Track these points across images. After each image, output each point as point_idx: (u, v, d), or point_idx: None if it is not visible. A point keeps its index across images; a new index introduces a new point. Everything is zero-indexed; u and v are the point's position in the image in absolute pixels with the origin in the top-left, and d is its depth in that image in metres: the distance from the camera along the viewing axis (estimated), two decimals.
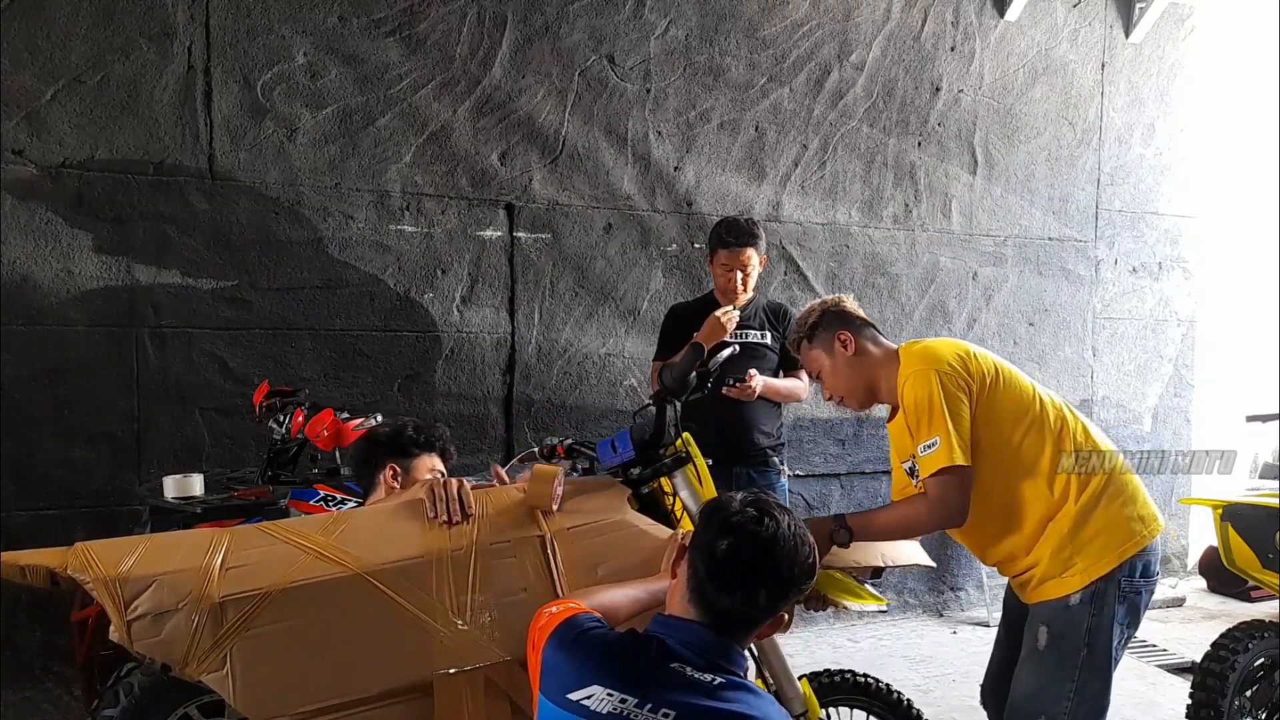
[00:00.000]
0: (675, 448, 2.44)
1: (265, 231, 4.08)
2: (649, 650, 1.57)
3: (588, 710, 1.51)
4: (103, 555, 1.94)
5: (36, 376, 3.79)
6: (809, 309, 2.58)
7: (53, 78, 3.76)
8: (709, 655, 1.57)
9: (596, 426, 4.59)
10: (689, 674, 1.53)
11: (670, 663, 1.55)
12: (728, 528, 1.61)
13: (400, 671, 1.92)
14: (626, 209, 4.65)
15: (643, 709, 1.49)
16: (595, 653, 1.58)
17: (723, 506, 1.67)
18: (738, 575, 1.59)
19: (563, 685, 1.56)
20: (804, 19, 4.91)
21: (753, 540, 1.60)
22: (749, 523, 1.61)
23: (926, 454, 2.28)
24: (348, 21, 4.15)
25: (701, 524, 1.67)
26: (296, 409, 3.37)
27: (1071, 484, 2.38)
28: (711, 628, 1.59)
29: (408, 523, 2.16)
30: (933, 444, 2.27)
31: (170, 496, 3.09)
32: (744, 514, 1.63)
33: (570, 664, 1.58)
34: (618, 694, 1.51)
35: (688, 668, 1.54)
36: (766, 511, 1.63)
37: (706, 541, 1.62)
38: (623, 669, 1.54)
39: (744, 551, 1.59)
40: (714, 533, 1.62)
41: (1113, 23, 5.59)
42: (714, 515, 1.66)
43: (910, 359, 2.44)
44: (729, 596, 1.59)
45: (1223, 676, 3.06)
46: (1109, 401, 5.78)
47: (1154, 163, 5.78)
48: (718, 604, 1.59)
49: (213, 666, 1.84)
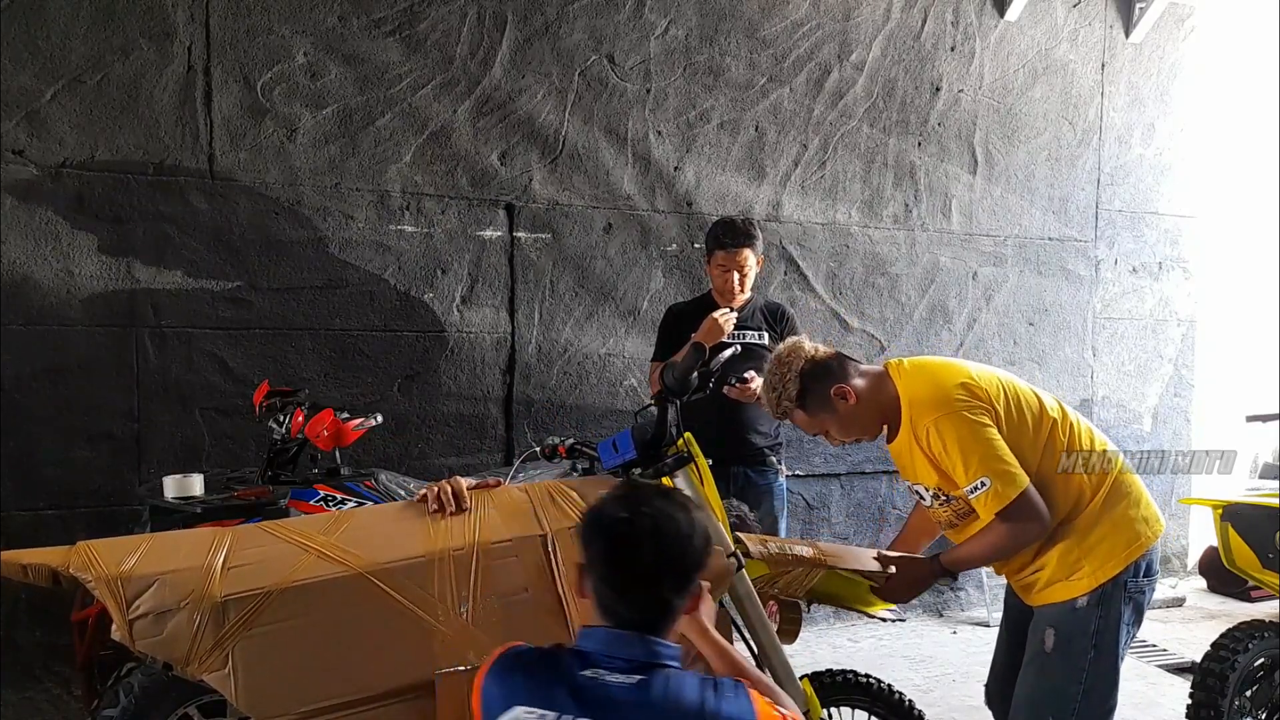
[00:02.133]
0: (677, 448, 2.44)
1: (265, 231, 4.08)
2: (563, 662, 1.55)
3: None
4: (105, 554, 1.94)
5: (36, 376, 3.78)
6: (782, 377, 2.41)
7: (53, 78, 3.76)
8: (628, 656, 1.54)
9: (596, 426, 4.59)
10: (605, 679, 1.51)
11: (584, 670, 1.52)
12: (606, 535, 1.58)
13: (402, 670, 1.92)
14: (626, 209, 4.65)
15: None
16: (516, 673, 1.57)
17: (596, 515, 1.63)
18: (632, 579, 1.57)
19: (490, 713, 1.54)
20: (804, 19, 4.91)
21: (632, 540, 1.56)
22: (621, 524, 1.57)
23: (979, 494, 2.25)
24: (348, 21, 4.15)
25: (584, 539, 1.63)
26: (296, 409, 3.36)
27: (1084, 489, 2.39)
28: (627, 627, 1.57)
29: (409, 522, 2.16)
30: (982, 485, 2.24)
31: (170, 496, 3.08)
32: (615, 516, 1.59)
33: (498, 691, 1.56)
34: (536, 710, 1.49)
35: (604, 673, 1.52)
36: (635, 507, 1.59)
37: (593, 556, 1.59)
38: (539, 685, 1.53)
39: (627, 553, 1.56)
40: (597, 545, 1.59)
41: (1113, 23, 5.60)
42: (590, 527, 1.62)
43: (920, 407, 2.35)
44: (633, 599, 1.57)
45: (1223, 676, 3.06)
46: (1109, 401, 5.78)
47: (1154, 163, 5.78)
48: (625, 610, 1.57)
49: (214, 666, 1.84)
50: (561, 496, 2.26)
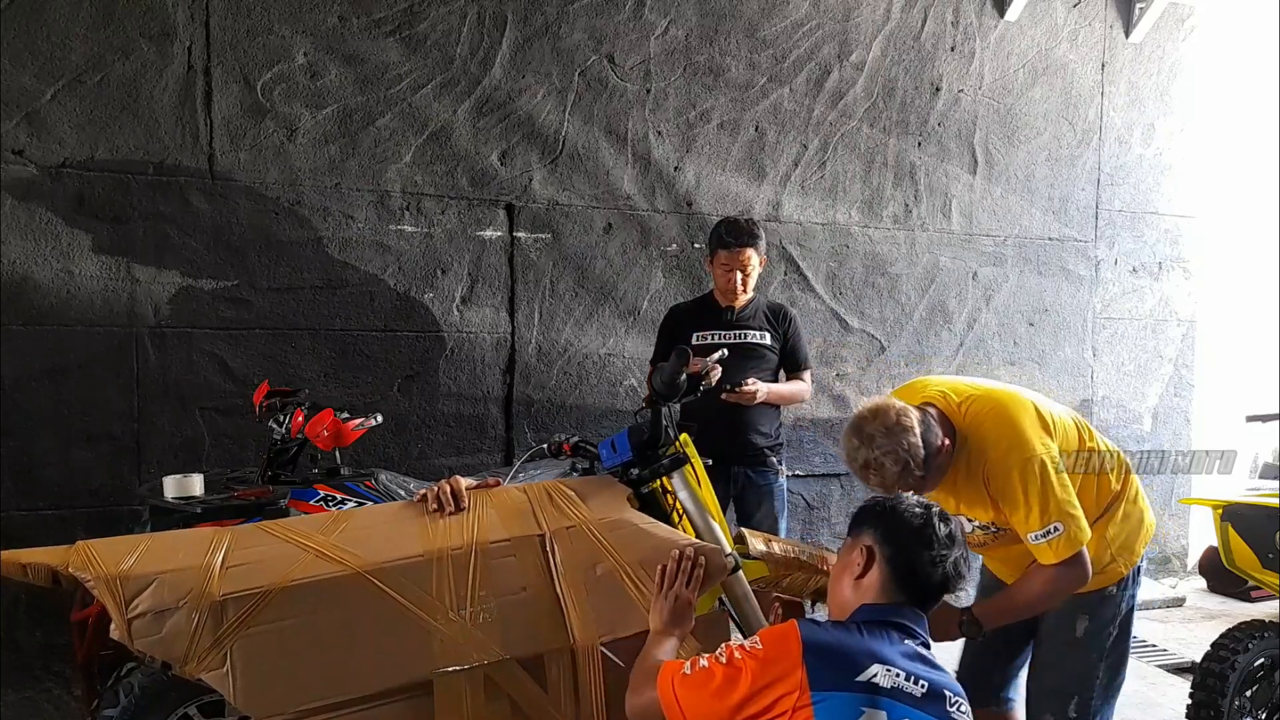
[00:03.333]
0: (676, 448, 2.45)
1: (265, 231, 4.08)
2: (887, 634, 1.76)
3: (876, 687, 1.65)
4: (104, 553, 1.94)
5: (36, 376, 3.79)
6: (908, 449, 2.21)
7: (53, 78, 3.76)
8: (920, 629, 1.80)
9: (596, 426, 4.59)
10: (918, 649, 1.76)
11: (904, 640, 1.76)
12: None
13: (400, 670, 1.93)
14: (626, 209, 4.65)
15: (909, 680, 1.68)
16: (858, 640, 1.74)
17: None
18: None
19: (843, 675, 1.67)
20: (804, 19, 4.91)
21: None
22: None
23: (1049, 540, 2.26)
24: (348, 21, 4.15)
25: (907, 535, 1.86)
26: (296, 409, 3.36)
27: (1108, 492, 2.46)
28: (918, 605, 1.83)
29: (408, 522, 2.16)
30: (1053, 531, 2.25)
31: (170, 496, 3.08)
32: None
33: (843, 655, 1.70)
34: (893, 669, 1.68)
35: (916, 643, 1.77)
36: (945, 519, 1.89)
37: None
38: (885, 650, 1.72)
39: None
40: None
41: (1113, 23, 5.60)
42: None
43: (997, 449, 2.30)
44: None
45: (1223, 676, 3.06)
46: (1109, 401, 5.78)
47: (1154, 163, 5.78)
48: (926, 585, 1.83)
49: (213, 665, 1.85)
50: (560, 496, 2.26)
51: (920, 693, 1.67)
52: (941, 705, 1.69)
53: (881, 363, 5.20)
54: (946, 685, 1.72)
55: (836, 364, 5.10)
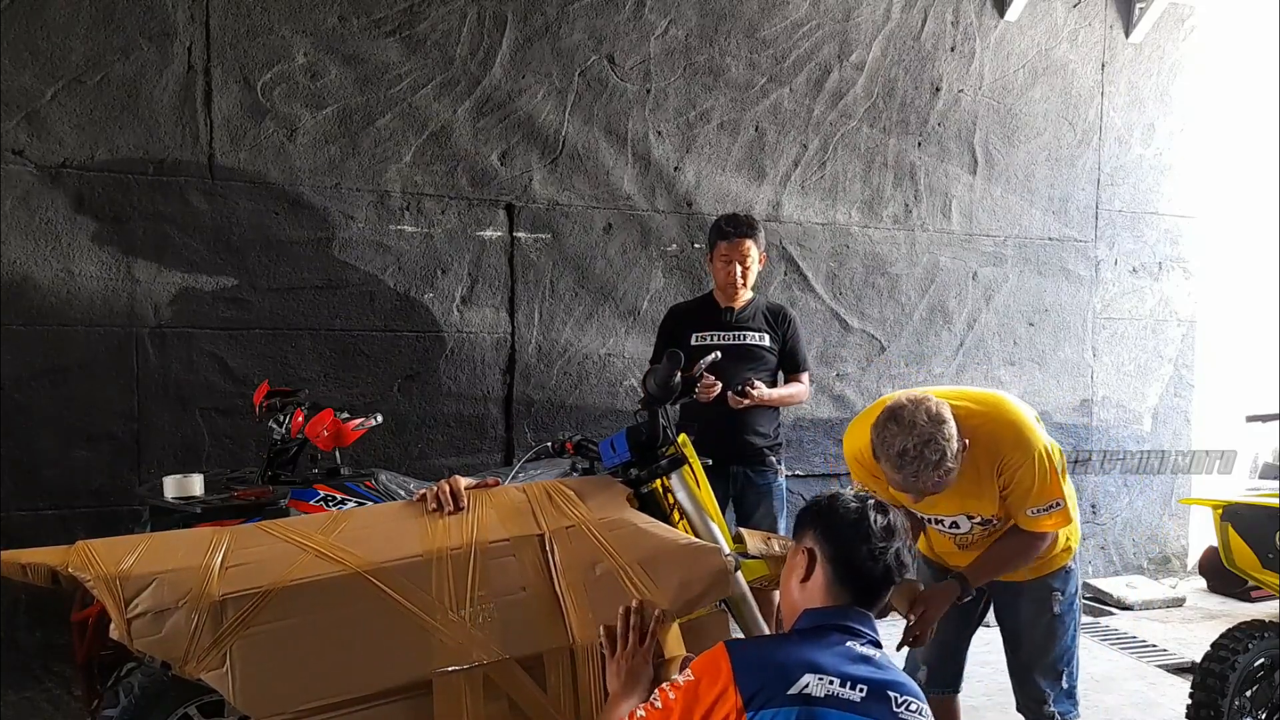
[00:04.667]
0: (675, 448, 2.45)
1: (265, 231, 4.08)
2: (827, 638, 1.75)
3: (809, 698, 1.63)
4: (104, 553, 1.94)
5: (36, 376, 3.79)
6: (950, 440, 2.25)
7: (53, 78, 3.76)
8: (865, 628, 1.80)
9: (596, 426, 4.59)
10: (859, 649, 1.74)
11: (846, 642, 1.74)
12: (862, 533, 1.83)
13: (400, 670, 1.93)
14: (626, 209, 4.65)
15: (845, 685, 1.65)
16: (787, 651, 1.72)
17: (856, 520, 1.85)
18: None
19: (775, 690, 1.64)
20: (804, 19, 4.91)
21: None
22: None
23: (1045, 514, 2.49)
24: (348, 21, 4.15)
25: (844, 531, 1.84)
26: (296, 409, 3.36)
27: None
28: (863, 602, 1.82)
29: (408, 522, 2.17)
30: (1054, 506, 2.48)
31: (170, 496, 3.08)
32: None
33: (772, 670, 1.67)
34: (825, 677, 1.66)
35: (858, 643, 1.75)
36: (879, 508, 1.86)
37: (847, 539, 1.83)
38: (818, 658, 1.69)
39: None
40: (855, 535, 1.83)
41: (1113, 23, 5.60)
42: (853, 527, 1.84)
43: (1010, 446, 2.43)
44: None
45: (1223, 676, 3.06)
46: (1109, 401, 5.78)
47: (1154, 163, 5.78)
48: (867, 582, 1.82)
49: (212, 665, 1.85)
50: (559, 496, 2.26)
51: (860, 697, 1.64)
52: (886, 706, 1.66)
53: (881, 363, 5.21)
54: (892, 684, 1.69)
55: (836, 364, 5.10)
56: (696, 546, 2.22)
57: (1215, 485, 5.54)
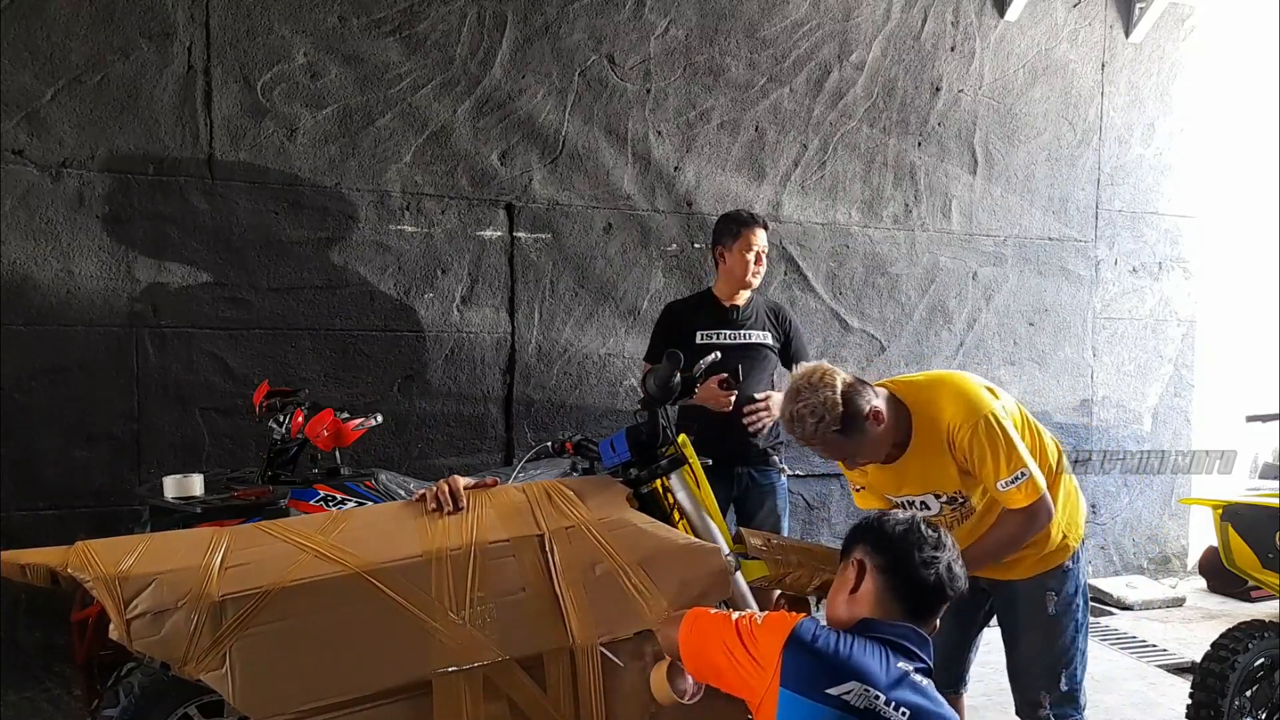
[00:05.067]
0: (675, 448, 2.45)
1: (265, 231, 4.08)
2: (883, 653, 1.73)
3: (847, 705, 1.63)
4: (103, 554, 1.94)
5: (36, 376, 3.79)
6: (823, 402, 2.37)
7: (53, 78, 3.76)
8: (923, 654, 1.77)
9: (596, 426, 4.59)
10: (912, 676, 1.72)
11: (898, 663, 1.72)
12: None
13: (399, 670, 1.93)
14: (626, 209, 4.65)
15: (890, 706, 1.65)
16: (846, 653, 1.71)
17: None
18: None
19: (816, 682, 1.66)
20: (804, 19, 4.91)
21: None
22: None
23: (1014, 486, 2.42)
24: (348, 21, 4.15)
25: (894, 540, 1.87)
26: (296, 409, 3.36)
27: (1051, 473, 2.61)
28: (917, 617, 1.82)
29: (407, 522, 2.17)
30: (1020, 476, 2.42)
31: (170, 496, 3.08)
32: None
33: (823, 663, 1.69)
34: (872, 690, 1.66)
35: (912, 668, 1.73)
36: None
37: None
38: (872, 669, 1.69)
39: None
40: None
41: (1113, 23, 5.60)
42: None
43: (958, 414, 2.45)
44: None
45: (1223, 676, 3.06)
46: (1109, 401, 5.78)
47: (1154, 163, 5.78)
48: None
49: (212, 665, 1.85)
50: (559, 496, 2.26)
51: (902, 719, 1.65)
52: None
53: (881, 363, 5.20)
54: (935, 716, 1.68)
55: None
56: (696, 547, 2.22)
57: (1215, 485, 5.53)
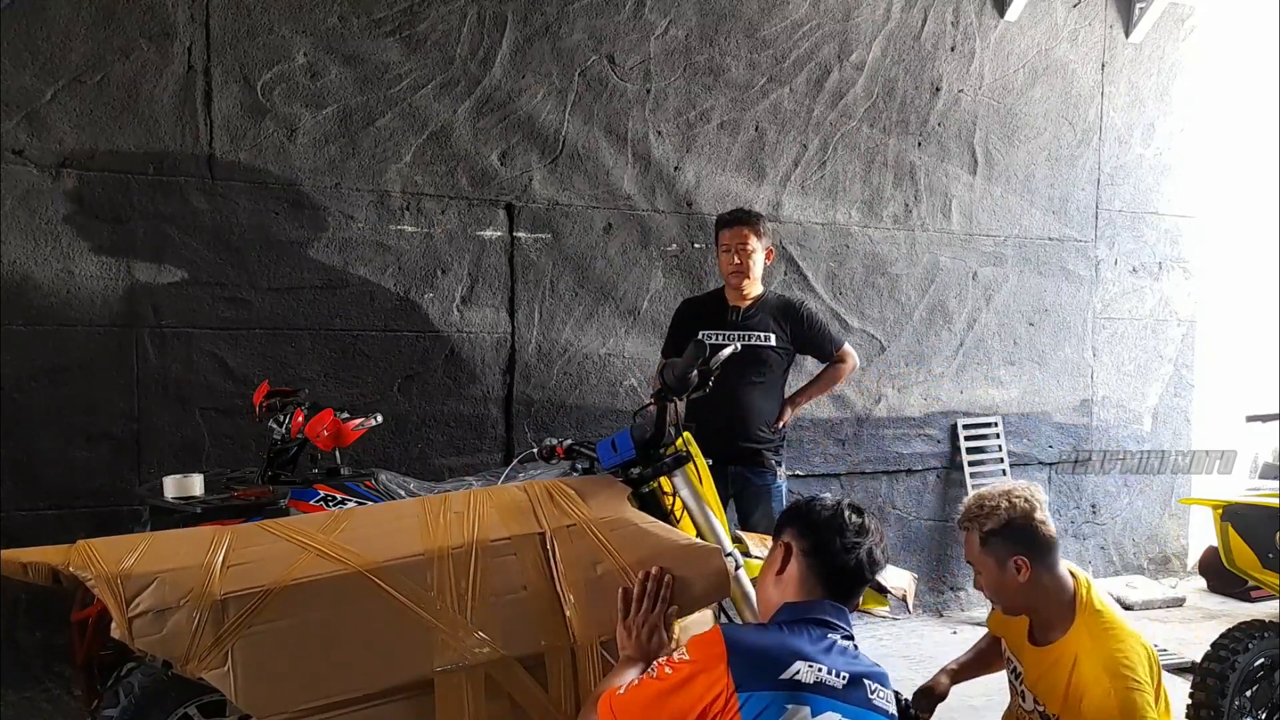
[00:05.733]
0: (676, 447, 2.45)
1: (265, 231, 4.08)
2: (807, 631, 1.81)
3: (799, 683, 1.70)
4: (105, 552, 1.94)
5: (36, 376, 3.78)
6: (998, 505, 2.34)
7: (53, 78, 3.76)
8: (841, 623, 1.86)
9: (596, 426, 4.59)
10: (839, 643, 1.81)
11: (824, 636, 1.81)
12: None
13: (401, 669, 1.92)
14: (626, 209, 4.66)
15: (831, 674, 1.74)
16: (779, 640, 1.79)
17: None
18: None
19: (767, 670, 1.72)
20: (804, 19, 4.91)
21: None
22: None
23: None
24: (348, 21, 4.15)
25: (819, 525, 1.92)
26: (296, 409, 3.36)
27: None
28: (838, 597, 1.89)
29: (408, 521, 2.16)
30: None
31: (170, 496, 3.08)
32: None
33: (765, 653, 1.75)
34: (814, 664, 1.74)
35: (837, 636, 1.82)
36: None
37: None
38: (805, 648, 1.77)
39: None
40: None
41: (1113, 23, 5.60)
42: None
43: (1110, 662, 2.23)
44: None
45: (1223, 676, 3.06)
46: (1109, 401, 5.79)
47: (1154, 163, 5.78)
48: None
49: (214, 664, 1.85)
50: (560, 495, 2.26)
51: (841, 684, 1.74)
52: (863, 692, 1.76)
53: (881, 363, 5.21)
54: (866, 673, 1.79)
55: None
56: (697, 547, 2.22)
57: (1215, 485, 5.54)
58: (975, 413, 5.44)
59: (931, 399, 5.34)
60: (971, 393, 5.43)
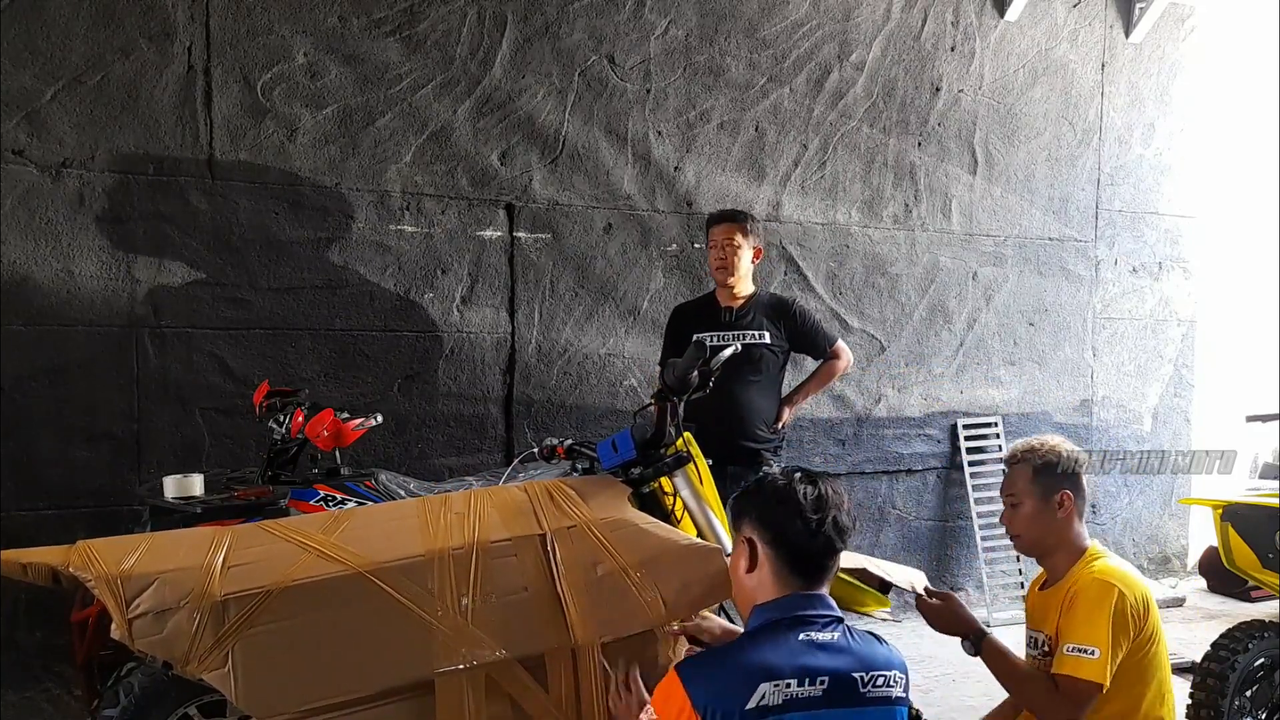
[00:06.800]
0: (676, 447, 2.45)
1: (265, 231, 4.08)
2: (775, 639, 1.70)
3: (766, 709, 1.60)
4: (105, 553, 1.94)
5: (36, 376, 3.78)
6: (1055, 449, 2.49)
7: (53, 78, 3.76)
8: (817, 610, 1.76)
9: (596, 426, 4.59)
10: (816, 639, 1.70)
11: (796, 636, 1.70)
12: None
13: (401, 669, 1.92)
14: (626, 209, 4.65)
15: (804, 685, 1.64)
16: (738, 660, 1.69)
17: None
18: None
19: (733, 703, 1.62)
20: (804, 19, 4.91)
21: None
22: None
23: (1077, 656, 2.29)
24: (348, 21, 4.15)
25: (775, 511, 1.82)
26: (296, 409, 3.36)
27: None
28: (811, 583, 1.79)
29: (408, 521, 2.16)
30: (1089, 652, 2.28)
31: (170, 496, 3.08)
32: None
33: (727, 682, 1.64)
34: (781, 682, 1.64)
35: (811, 632, 1.72)
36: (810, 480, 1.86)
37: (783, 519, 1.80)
38: (770, 661, 1.66)
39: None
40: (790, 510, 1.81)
41: (1113, 23, 5.60)
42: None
43: (1103, 567, 2.40)
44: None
45: (1223, 676, 3.06)
46: (1109, 401, 5.78)
47: (1154, 163, 5.78)
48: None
49: (214, 664, 1.85)
50: (561, 495, 2.26)
51: (821, 691, 1.65)
52: (851, 691, 1.67)
53: (881, 363, 5.21)
54: (856, 666, 1.69)
55: None
56: (698, 548, 2.22)
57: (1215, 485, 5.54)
58: (975, 413, 5.44)
59: (931, 399, 5.34)
60: (971, 393, 5.43)
